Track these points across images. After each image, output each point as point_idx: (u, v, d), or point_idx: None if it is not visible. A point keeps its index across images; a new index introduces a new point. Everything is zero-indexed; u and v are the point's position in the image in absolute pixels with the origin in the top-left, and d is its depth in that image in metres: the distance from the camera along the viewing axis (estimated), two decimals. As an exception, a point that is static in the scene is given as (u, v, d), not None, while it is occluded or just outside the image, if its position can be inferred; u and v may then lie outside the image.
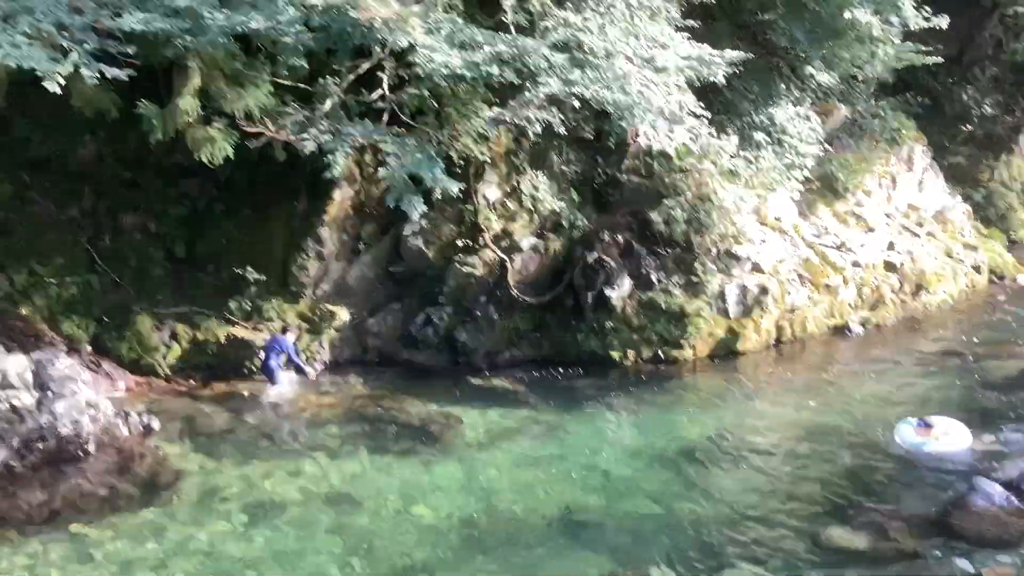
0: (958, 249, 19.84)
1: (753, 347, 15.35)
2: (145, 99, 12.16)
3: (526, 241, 15.20)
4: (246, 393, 13.55)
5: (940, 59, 19.78)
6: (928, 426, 11.21)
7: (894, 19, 16.73)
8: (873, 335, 16.56)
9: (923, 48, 18.67)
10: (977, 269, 19.62)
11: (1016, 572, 8.52)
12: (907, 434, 11.33)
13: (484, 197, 15.19)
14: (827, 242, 17.60)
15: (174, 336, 14.20)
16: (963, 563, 8.74)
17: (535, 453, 11.63)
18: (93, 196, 14.52)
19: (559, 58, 12.17)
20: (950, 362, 14.98)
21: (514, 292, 14.88)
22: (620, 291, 14.83)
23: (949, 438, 11.17)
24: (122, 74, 11.05)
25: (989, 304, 18.52)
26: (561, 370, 14.55)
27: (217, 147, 12.38)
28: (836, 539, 9.28)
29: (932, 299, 18.16)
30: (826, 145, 18.08)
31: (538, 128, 12.47)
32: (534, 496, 10.43)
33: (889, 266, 17.85)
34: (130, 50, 11.11)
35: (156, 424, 12.15)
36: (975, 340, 16.01)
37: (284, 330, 14.25)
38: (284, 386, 13.84)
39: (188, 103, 11.96)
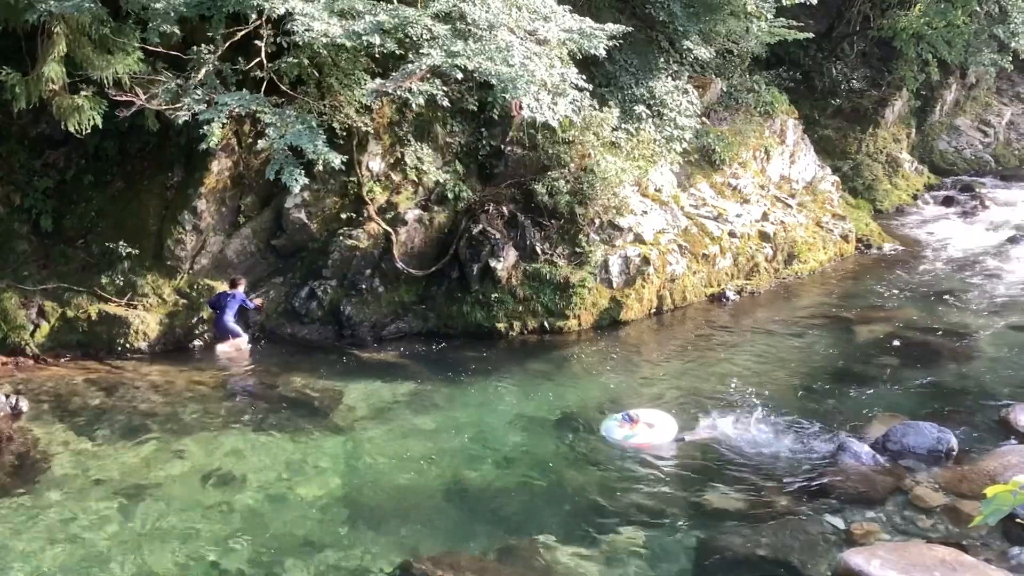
0: (827, 219, 20.64)
1: (635, 316, 15.68)
2: (7, 66, 11.58)
3: (411, 213, 15.12)
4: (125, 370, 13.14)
5: (811, 35, 20.58)
6: (632, 420, 11.08)
7: (768, -5, 17.27)
8: (748, 302, 17.12)
9: (795, 24, 19.34)
10: (845, 238, 20.45)
11: (882, 528, 8.98)
12: (613, 428, 11.19)
13: (368, 169, 15.02)
14: (705, 213, 18.06)
15: (42, 313, 13.64)
16: (834, 520, 9.15)
17: (421, 426, 11.63)
18: (-49, 167, 13.79)
19: (442, 29, 12.10)
20: (818, 327, 15.60)
21: (399, 264, 14.81)
22: (505, 262, 14.92)
23: (654, 430, 11.07)
24: (-20, 39, 10.54)
25: (856, 272, 19.35)
26: (447, 342, 14.58)
27: (85, 116, 11.91)
28: (714, 501, 9.60)
29: (803, 267, 18.87)
30: (703, 118, 18.54)
31: (421, 99, 12.40)
32: (421, 469, 10.45)
33: (763, 236, 18.45)
34: (-12, 14, 10.59)
35: (25, 405, 11.69)
36: (842, 306, 16.73)
37: (234, 283, 14.09)
38: (244, 339, 14.08)
39: (53, 70, 11.44)
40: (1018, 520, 8.24)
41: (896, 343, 14.43)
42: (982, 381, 12.97)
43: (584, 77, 13.96)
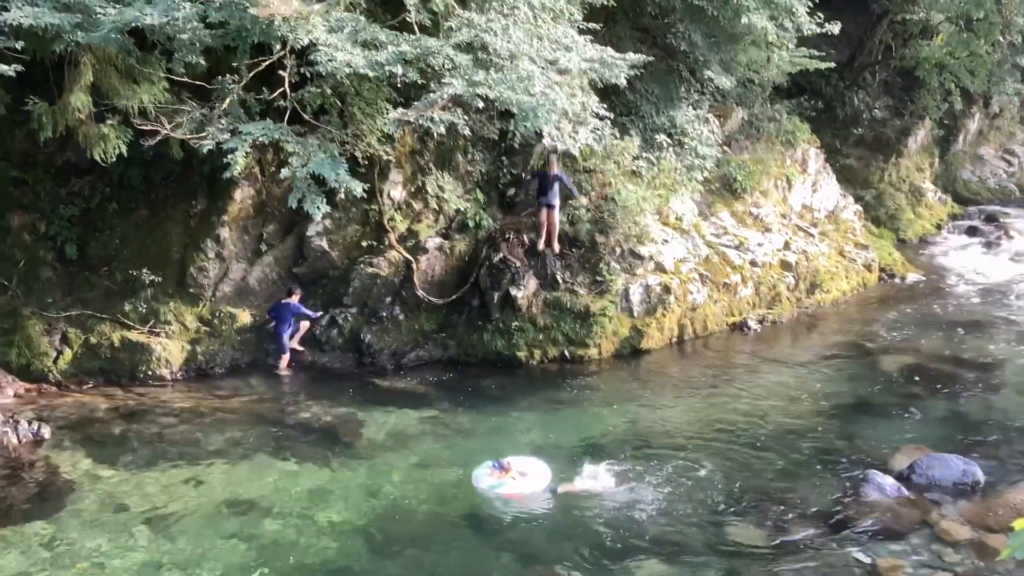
0: (850, 248, 20.51)
1: (656, 345, 15.60)
2: (34, 95, 11.74)
3: (432, 241, 15.16)
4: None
5: (833, 64, 20.57)
6: (503, 468, 10.61)
7: (789, 25, 17.29)
8: (770, 332, 16.99)
9: (816, 53, 19.33)
10: (868, 267, 20.30)
11: (907, 561, 8.83)
12: (482, 476, 10.70)
13: (389, 197, 15.08)
14: (726, 242, 17.99)
15: (65, 340, 13.74)
16: (858, 553, 9.03)
17: (442, 454, 11.59)
18: (-23, 195, 13.95)
19: (463, 59, 12.17)
20: (841, 357, 15.46)
21: (420, 293, 14.83)
22: (526, 291, 14.90)
23: (526, 479, 10.62)
24: (10, 70, 10.71)
25: (879, 302, 19.19)
26: (467, 371, 14.54)
27: (110, 145, 12.04)
28: (736, 534, 9.49)
29: (826, 297, 18.74)
30: (724, 147, 18.53)
31: (443, 128, 12.45)
32: (441, 497, 10.40)
33: (785, 265, 18.34)
34: (18, 45, 10.75)
35: (47, 432, 11.73)
36: (865, 336, 16.57)
37: (290, 292, 14.30)
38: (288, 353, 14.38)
39: (80, 99, 11.58)
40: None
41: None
42: (1008, 413, 12.80)
43: (605, 106, 14.00)
